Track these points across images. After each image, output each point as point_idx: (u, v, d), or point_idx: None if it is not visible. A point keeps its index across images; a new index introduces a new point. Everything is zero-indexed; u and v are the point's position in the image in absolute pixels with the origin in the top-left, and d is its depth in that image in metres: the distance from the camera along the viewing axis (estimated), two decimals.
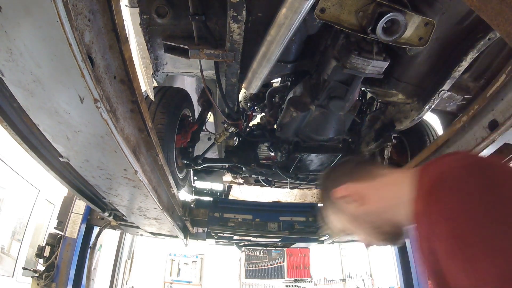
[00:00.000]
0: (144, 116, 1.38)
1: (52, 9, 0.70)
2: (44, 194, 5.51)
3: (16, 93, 0.95)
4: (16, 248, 5.01)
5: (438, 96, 1.60)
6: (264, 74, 1.48)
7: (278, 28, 1.22)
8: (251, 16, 1.37)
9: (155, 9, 1.42)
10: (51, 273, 2.94)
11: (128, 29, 1.32)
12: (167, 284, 9.11)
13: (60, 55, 0.80)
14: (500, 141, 1.19)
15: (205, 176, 3.85)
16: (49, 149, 1.45)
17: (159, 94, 2.27)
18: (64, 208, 3.19)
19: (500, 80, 1.13)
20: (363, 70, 1.40)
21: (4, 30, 0.75)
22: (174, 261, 9.38)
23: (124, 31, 1.05)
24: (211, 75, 1.82)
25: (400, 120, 1.95)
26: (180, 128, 2.37)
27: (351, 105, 1.79)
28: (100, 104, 0.96)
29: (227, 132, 2.25)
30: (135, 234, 3.63)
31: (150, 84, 1.69)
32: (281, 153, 2.28)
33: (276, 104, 2.30)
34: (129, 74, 1.16)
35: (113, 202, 1.91)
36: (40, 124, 1.09)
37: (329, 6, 1.16)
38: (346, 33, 1.39)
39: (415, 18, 1.21)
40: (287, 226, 3.08)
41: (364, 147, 2.36)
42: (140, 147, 1.48)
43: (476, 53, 1.40)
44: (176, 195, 2.41)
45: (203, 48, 1.40)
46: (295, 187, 3.84)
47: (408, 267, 3.36)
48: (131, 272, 7.55)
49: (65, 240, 3.05)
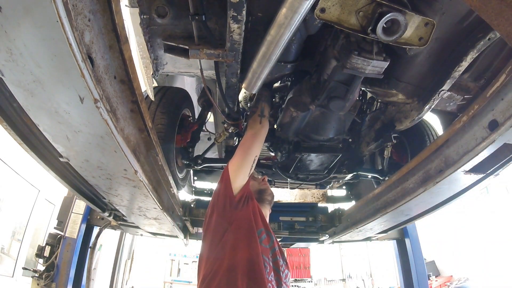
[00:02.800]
0: (144, 116, 1.38)
1: (52, 9, 0.69)
2: (44, 194, 5.52)
3: (16, 93, 0.95)
4: (16, 248, 5.01)
5: (438, 96, 1.60)
6: (264, 74, 1.48)
7: (278, 28, 1.22)
8: (251, 16, 1.37)
9: (155, 9, 1.42)
10: (51, 273, 2.95)
11: (128, 29, 1.32)
12: (167, 284, 9.12)
13: (60, 55, 0.80)
14: (500, 141, 1.19)
15: (205, 176, 3.86)
16: (49, 149, 1.45)
17: (159, 94, 2.27)
18: (64, 208, 3.20)
19: (500, 80, 1.13)
20: (363, 70, 1.40)
21: (4, 30, 0.75)
22: (174, 261, 9.39)
23: (124, 31, 1.05)
24: (211, 75, 1.82)
25: (400, 120, 1.95)
26: (180, 128, 2.37)
27: (351, 105, 1.79)
28: (100, 104, 0.96)
29: (227, 132, 2.25)
30: (135, 234, 3.63)
31: (150, 84, 1.69)
32: (281, 153, 2.28)
33: (276, 104, 2.30)
34: (129, 74, 1.16)
35: (113, 202, 1.91)
36: (40, 124, 1.09)
37: (329, 6, 1.16)
38: (346, 33, 1.39)
39: (415, 18, 1.21)
40: (287, 226, 3.08)
41: (364, 147, 2.36)
42: (140, 147, 1.48)
43: (476, 53, 1.40)
44: (176, 195, 2.41)
45: (203, 48, 1.40)
46: (295, 187, 3.84)
47: (408, 267, 3.37)
48: (131, 272, 7.55)
49: (65, 240, 3.06)
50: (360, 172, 2.58)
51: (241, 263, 1.42)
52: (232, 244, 1.49)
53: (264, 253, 1.51)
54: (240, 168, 1.66)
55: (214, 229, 1.58)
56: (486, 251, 6.85)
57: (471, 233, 7.33)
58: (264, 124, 1.87)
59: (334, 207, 3.21)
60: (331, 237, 3.15)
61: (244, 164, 1.67)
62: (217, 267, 1.43)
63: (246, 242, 1.49)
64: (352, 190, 3.84)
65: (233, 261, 1.43)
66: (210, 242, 1.56)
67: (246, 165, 1.67)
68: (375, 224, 2.49)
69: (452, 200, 1.83)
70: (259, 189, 1.87)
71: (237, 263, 1.42)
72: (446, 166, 1.49)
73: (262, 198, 1.83)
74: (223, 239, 1.51)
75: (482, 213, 7.07)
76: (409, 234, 3.42)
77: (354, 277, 9.87)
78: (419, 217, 2.24)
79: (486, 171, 1.42)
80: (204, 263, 1.53)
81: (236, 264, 1.42)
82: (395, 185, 2.00)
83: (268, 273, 1.47)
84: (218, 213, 1.61)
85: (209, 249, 1.55)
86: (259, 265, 1.43)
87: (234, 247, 1.48)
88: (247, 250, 1.47)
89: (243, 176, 1.66)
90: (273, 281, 1.48)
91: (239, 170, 1.65)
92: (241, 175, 1.65)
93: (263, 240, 1.56)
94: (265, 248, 1.54)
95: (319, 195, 3.90)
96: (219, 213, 1.60)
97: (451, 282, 7.45)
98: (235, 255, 1.45)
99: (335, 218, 3.04)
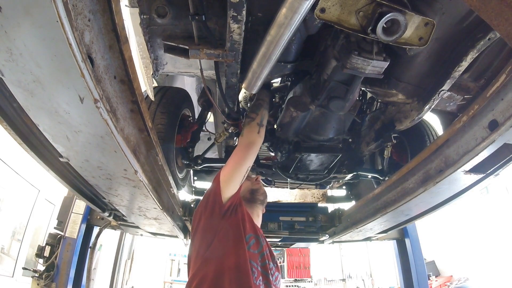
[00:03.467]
0: (144, 116, 1.38)
1: (52, 9, 0.69)
2: (44, 194, 5.51)
3: (16, 93, 0.95)
4: (16, 248, 5.01)
5: (438, 96, 1.60)
6: (264, 74, 1.48)
7: (278, 28, 1.22)
8: (251, 16, 1.37)
9: (155, 9, 1.42)
10: (51, 273, 2.94)
11: (128, 29, 1.32)
12: (167, 284, 9.12)
13: (60, 55, 0.80)
14: (500, 141, 1.19)
15: (205, 176, 3.85)
16: (49, 149, 1.45)
17: (159, 94, 2.27)
18: (64, 208, 3.20)
19: (500, 80, 1.13)
20: (363, 70, 1.40)
21: (4, 30, 0.75)
22: (174, 261, 9.39)
23: (124, 31, 1.05)
24: (211, 75, 1.82)
25: (400, 120, 1.95)
26: (180, 128, 2.37)
27: (351, 105, 1.79)
28: (100, 104, 0.96)
29: (227, 132, 2.25)
30: (135, 234, 3.63)
31: (150, 84, 1.69)
32: (281, 153, 2.28)
33: (276, 104, 2.30)
34: (129, 74, 1.16)
35: (113, 202, 1.91)
36: (40, 124, 1.09)
37: (329, 6, 1.16)
38: (346, 33, 1.39)
39: (415, 18, 1.21)
40: (287, 226, 3.08)
41: (364, 147, 2.36)
42: (140, 147, 1.48)
43: (476, 53, 1.40)
44: (176, 195, 2.41)
45: (203, 48, 1.40)
46: (295, 187, 3.84)
47: (408, 267, 3.36)
48: (131, 272, 7.55)
49: (65, 240, 3.05)
50: (360, 172, 2.59)
51: (228, 270, 1.43)
52: (221, 250, 1.50)
53: (252, 259, 1.51)
54: (231, 179, 1.63)
55: (203, 234, 1.58)
56: (486, 251, 6.85)
57: (471, 233, 7.33)
58: (261, 135, 1.81)
59: (334, 207, 3.21)
60: (331, 237, 3.15)
61: (236, 175, 1.64)
62: (205, 273, 1.44)
63: (233, 250, 1.50)
64: (352, 190, 3.84)
65: (220, 267, 1.44)
66: (199, 246, 1.56)
67: (238, 176, 1.64)
68: (375, 224, 2.50)
69: (452, 200, 1.83)
70: (252, 189, 1.85)
71: (224, 269, 1.43)
72: (446, 166, 1.49)
73: (254, 198, 1.82)
74: (211, 246, 1.52)
75: (482, 213, 7.07)
76: (409, 234, 3.42)
77: (354, 277, 9.87)
78: (419, 217, 2.25)
79: (486, 171, 1.42)
80: (192, 265, 1.54)
81: (224, 271, 1.43)
82: (395, 185, 2.00)
83: (256, 278, 1.48)
84: (207, 218, 1.60)
85: (198, 252, 1.55)
86: (247, 271, 1.44)
87: (222, 254, 1.48)
88: (235, 257, 1.47)
89: (233, 186, 1.63)
90: (262, 285, 1.50)
91: (230, 180, 1.63)
92: (232, 185, 1.63)
93: (252, 246, 1.56)
94: (254, 253, 1.55)
95: (319, 195, 3.90)
96: (207, 219, 1.60)
97: (451, 282, 7.45)
98: (222, 262, 1.46)
99: (335, 218, 3.04)
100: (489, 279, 6.62)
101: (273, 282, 1.57)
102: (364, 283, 9.68)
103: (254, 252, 1.56)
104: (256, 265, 1.52)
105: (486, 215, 7.01)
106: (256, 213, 1.78)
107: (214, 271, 1.43)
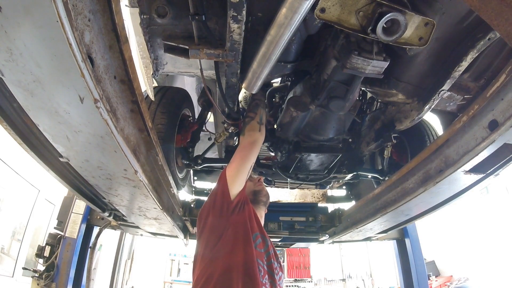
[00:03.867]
0: (144, 116, 1.38)
1: (52, 9, 0.69)
2: (44, 194, 5.51)
3: (16, 93, 0.95)
4: (16, 248, 5.01)
5: (438, 96, 1.60)
6: (264, 74, 1.48)
7: (278, 28, 1.23)
8: (251, 16, 1.37)
9: (155, 9, 1.42)
10: (51, 273, 2.94)
11: (128, 29, 1.32)
12: (167, 284, 9.12)
13: (60, 55, 0.80)
14: (500, 141, 1.19)
15: (205, 176, 3.86)
16: (49, 149, 1.45)
17: (159, 94, 2.27)
18: (64, 208, 3.20)
19: (500, 80, 1.13)
20: (363, 70, 1.40)
21: (4, 30, 0.75)
22: (174, 261, 9.39)
23: (124, 31, 1.05)
24: (211, 75, 1.82)
25: (400, 120, 1.95)
26: (180, 128, 2.37)
27: (351, 105, 1.79)
28: (100, 104, 0.96)
29: (227, 132, 2.25)
30: (135, 234, 3.63)
31: (150, 84, 1.69)
32: (281, 153, 2.28)
33: (276, 104, 2.30)
34: (129, 74, 1.16)
35: (113, 202, 1.91)
36: (40, 124, 1.09)
37: (329, 6, 1.16)
38: (346, 33, 1.39)
39: (415, 18, 1.21)
40: (287, 226, 3.08)
41: (364, 147, 2.36)
42: (140, 147, 1.48)
43: (476, 53, 1.40)
44: (176, 195, 2.41)
45: (203, 48, 1.40)
46: (295, 187, 3.84)
47: (408, 267, 3.36)
48: (131, 272, 7.55)
49: (65, 240, 3.06)
50: (360, 172, 2.58)
51: (236, 267, 1.45)
52: (228, 248, 1.52)
53: (258, 257, 1.54)
54: (237, 175, 1.68)
55: (210, 232, 1.60)
56: (486, 251, 6.85)
57: (471, 233, 7.33)
58: (262, 132, 1.88)
59: (334, 207, 3.21)
60: (331, 237, 3.15)
61: (241, 171, 1.69)
62: (212, 270, 1.46)
63: (241, 247, 1.52)
64: (352, 190, 3.84)
65: (228, 265, 1.46)
66: (206, 244, 1.58)
67: (243, 172, 1.70)
68: (375, 224, 2.50)
69: (452, 200, 1.83)
70: (254, 190, 1.88)
71: (232, 267, 1.45)
72: (446, 166, 1.49)
73: (257, 199, 1.85)
74: (218, 243, 1.54)
75: (482, 213, 7.07)
76: (409, 234, 3.42)
77: (354, 277, 9.87)
78: (419, 217, 2.25)
79: (486, 171, 1.42)
80: (199, 264, 1.55)
81: (231, 268, 1.45)
82: (395, 185, 2.00)
83: (262, 276, 1.51)
84: (215, 217, 1.62)
85: (204, 251, 1.57)
86: (254, 269, 1.46)
87: (230, 251, 1.50)
88: (242, 254, 1.49)
89: (240, 182, 1.68)
90: (267, 284, 1.52)
91: (236, 176, 1.67)
92: (238, 182, 1.67)
93: (258, 245, 1.59)
94: (260, 252, 1.58)
95: (319, 195, 3.90)
96: (215, 217, 1.62)
97: (451, 282, 7.45)
98: (231, 259, 1.48)
99: (335, 218, 3.04)
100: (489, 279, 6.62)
101: (277, 282, 1.59)
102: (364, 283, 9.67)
103: (260, 251, 1.58)
104: (262, 263, 1.54)
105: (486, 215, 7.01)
106: (259, 214, 1.80)
107: (222, 268, 1.45)
